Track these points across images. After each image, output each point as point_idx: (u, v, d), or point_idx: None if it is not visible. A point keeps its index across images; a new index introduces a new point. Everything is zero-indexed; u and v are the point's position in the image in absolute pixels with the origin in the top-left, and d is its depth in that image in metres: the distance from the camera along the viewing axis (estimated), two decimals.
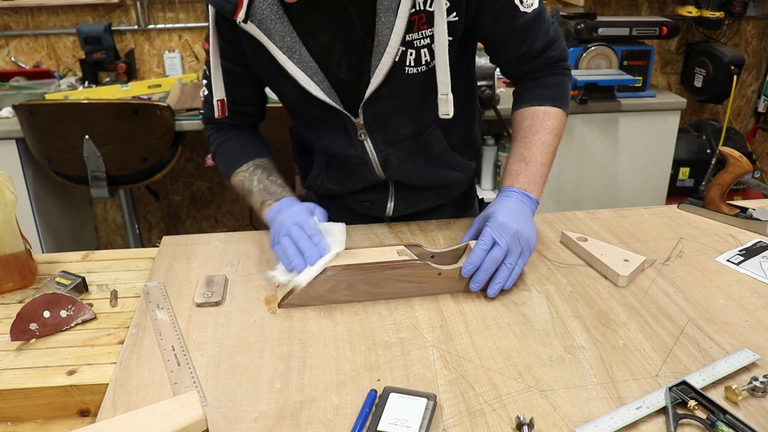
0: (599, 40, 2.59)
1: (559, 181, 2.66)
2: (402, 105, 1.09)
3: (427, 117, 1.13)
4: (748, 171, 1.20)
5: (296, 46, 1.03)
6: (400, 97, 1.08)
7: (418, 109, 1.11)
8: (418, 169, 1.19)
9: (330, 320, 0.94)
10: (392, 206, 1.27)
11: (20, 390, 0.82)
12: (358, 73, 1.06)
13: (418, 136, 1.16)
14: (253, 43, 1.04)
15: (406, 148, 1.16)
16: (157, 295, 1.00)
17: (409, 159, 1.17)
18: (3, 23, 2.81)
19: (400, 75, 1.04)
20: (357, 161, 1.17)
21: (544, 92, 1.13)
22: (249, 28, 1.01)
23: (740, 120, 3.36)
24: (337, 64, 1.06)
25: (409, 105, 1.10)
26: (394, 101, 1.08)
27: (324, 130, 1.16)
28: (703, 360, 0.84)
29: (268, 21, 1.01)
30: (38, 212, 2.49)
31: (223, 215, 3.26)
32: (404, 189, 1.25)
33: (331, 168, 1.24)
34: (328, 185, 1.26)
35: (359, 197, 1.27)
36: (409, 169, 1.19)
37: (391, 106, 1.09)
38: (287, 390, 0.80)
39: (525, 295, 1.00)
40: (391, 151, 1.15)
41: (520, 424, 0.72)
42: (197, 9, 2.86)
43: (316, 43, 1.04)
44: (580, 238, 1.13)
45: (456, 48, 1.06)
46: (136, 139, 2.29)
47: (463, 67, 1.15)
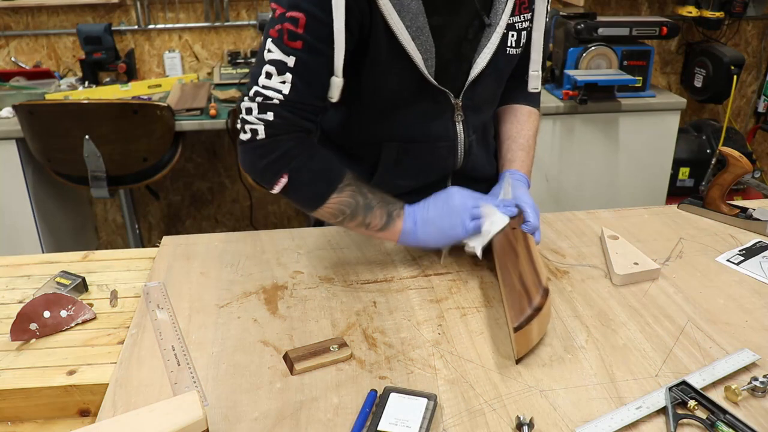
0: (599, 40, 2.59)
1: (559, 181, 2.66)
2: (497, 88, 1.17)
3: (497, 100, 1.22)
4: (748, 171, 1.20)
5: (424, 28, 0.99)
6: (498, 78, 1.14)
7: (499, 94, 1.21)
8: (483, 156, 1.23)
9: (330, 320, 0.94)
10: None
11: (20, 390, 0.82)
12: (461, 54, 1.07)
13: (487, 122, 1.22)
14: (379, 22, 0.96)
15: (481, 133, 1.20)
16: (157, 295, 1.00)
17: (480, 145, 1.21)
18: (3, 23, 2.81)
19: (502, 56, 1.09)
20: (444, 146, 1.15)
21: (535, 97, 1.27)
22: (383, 3, 0.94)
23: (740, 120, 3.36)
24: (447, 44, 1.04)
25: (500, 87, 1.19)
26: (493, 83, 1.14)
27: (417, 112, 1.10)
28: (703, 360, 0.84)
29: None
30: (38, 212, 2.49)
31: (223, 215, 3.26)
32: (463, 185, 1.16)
33: (404, 160, 1.15)
34: (396, 181, 1.16)
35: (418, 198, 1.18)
36: (480, 155, 1.22)
37: (490, 88, 1.14)
38: (287, 390, 0.80)
39: None
40: (474, 137, 1.17)
41: (520, 424, 0.72)
42: (197, 9, 2.86)
43: (435, 22, 1.01)
44: (611, 236, 1.15)
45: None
46: (136, 139, 2.29)
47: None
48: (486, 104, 1.18)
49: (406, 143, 1.14)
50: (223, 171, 3.13)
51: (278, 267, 1.09)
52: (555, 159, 2.62)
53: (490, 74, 1.10)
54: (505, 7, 1.05)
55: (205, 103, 2.43)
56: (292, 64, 0.96)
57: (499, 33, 1.06)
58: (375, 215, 1.02)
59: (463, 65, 1.08)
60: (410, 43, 0.99)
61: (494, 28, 1.06)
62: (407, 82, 1.05)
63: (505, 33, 1.08)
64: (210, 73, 2.93)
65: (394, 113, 1.10)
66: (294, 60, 0.95)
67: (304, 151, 1.01)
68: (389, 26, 0.97)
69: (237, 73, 2.73)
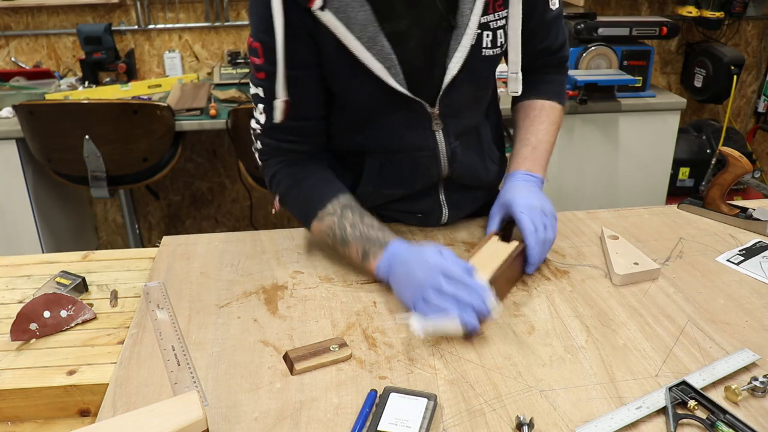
0: (599, 40, 2.59)
1: (559, 181, 2.66)
2: (476, 91, 1.11)
3: (485, 105, 1.18)
4: (748, 171, 1.20)
5: (378, 37, 0.96)
6: (475, 81, 1.08)
7: (484, 96, 1.16)
8: (475, 162, 1.17)
9: (330, 320, 0.94)
10: (447, 213, 1.20)
11: (20, 390, 0.82)
12: (431, 59, 1.02)
13: (476, 127, 1.17)
14: (326, 34, 0.95)
15: (466, 139, 1.15)
16: (157, 295, 1.00)
17: (469, 150, 1.15)
18: (3, 23, 2.81)
19: (477, 57, 1.03)
20: (426, 155, 1.11)
21: (549, 88, 1.20)
22: (325, 17, 0.92)
23: (740, 120, 3.36)
24: (413, 50, 1.00)
25: (481, 91, 1.13)
26: (470, 87, 1.07)
27: (392, 124, 1.08)
28: (703, 360, 0.84)
29: (348, 8, 0.93)
30: (38, 212, 2.49)
31: (223, 215, 3.26)
32: (456, 191, 1.19)
33: (387, 170, 1.14)
34: (382, 191, 1.16)
35: (412, 208, 1.21)
36: (469, 162, 1.16)
37: (466, 93, 1.08)
38: (287, 390, 0.80)
39: (525, 295, 1.00)
40: (458, 143, 1.12)
41: (520, 424, 0.72)
42: (197, 9, 2.86)
43: (394, 28, 0.97)
44: (611, 236, 1.14)
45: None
46: (136, 139, 2.29)
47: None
48: (467, 109, 1.11)
49: (387, 154, 1.13)
50: (223, 171, 3.13)
51: (278, 267, 1.09)
52: (555, 159, 2.62)
53: (466, 78, 1.04)
54: (473, 7, 0.98)
55: (205, 103, 2.43)
56: (262, 94, 1.01)
57: (470, 35, 0.99)
58: (351, 250, 1.02)
59: (435, 71, 1.03)
60: (365, 53, 0.96)
61: (463, 29, 0.99)
62: (375, 93, 1.01)
63: (480, 34, 1.01)
64: (210, 73, 2.93)
65: (370, 125, 1.09)
66: (262, 90, 1.01)
67: (288, 177, 1.07)
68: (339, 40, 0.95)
69: (237, 73, 2.73)
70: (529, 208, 1.03)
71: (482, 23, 1.01)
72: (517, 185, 1.09)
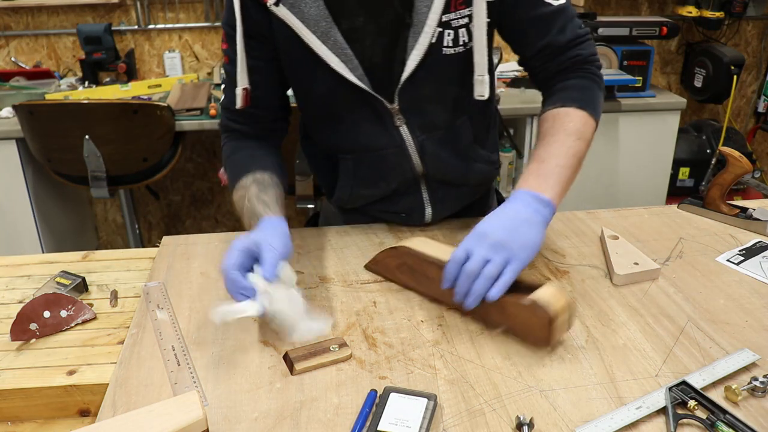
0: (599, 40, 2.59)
1: None
2: (439, 89, 1.07)
3: (461, 104, 1.11)
4: (748, 171, 1.20)
5: (331, 31, 0.99)
6: (437, 79, 1.05)
7: (454, 94, 1.10)
8: (451, 159, 1.14)
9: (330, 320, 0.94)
10: (430, 212, 1.20)
11: (20, 390, 0.82)
12: (391, 56, 1.03)
13: (449, 126, 1.13)
14: (283, 29, 1.00)
15: (439, 136, 1.13)
16: (157, 295, 1.00)
17: (442, 147, 1.13)
18: (3, 23, 2.81)
19: (437, 56, 1.02)
20: (393, 151, 1.11)
21: (568, 94, 1.07)
22: (280, 11, 0.97)
23: (740, 120, 3.36)
24: (371, 47, 1.02)
25: (445, 89, 1.08)
26: (431, 85, 1.05)
27: (355, 121, 1.09)
28: (703, 360, 0.84)
29: (301, 3, 0.97)
30: (38, 212, 2.49)
31: (223, 215, 3.26)
32: (439, 188, 1.18)
33: (360, 170, 1.15)
34: (360, 191, 1.18)
35: (393, 208, 1.21)
36: (444, 157, 1.13)
37: (427, 90, 1.06)
38: (287, 390, 0.80)
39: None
40: (426, 137, 1.11)
41: (520, 424, 0.72)
42: (197, 9, 2.86)
43: (350, 25, 1.00)
44: (611, 236, 1.14)
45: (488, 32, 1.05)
46: (136, 139, 2.29)
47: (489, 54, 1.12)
48: (432, 105, 1.09)
49: (357, 153, 1.14)
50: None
51: None
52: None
53: (427, 76, 1.03)
54: (432, 5, 0.97)
55: (205, 103, 2.43)
56: (225, 76, 1.10)
57: (429, 33, 0.99)
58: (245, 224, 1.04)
59: (395, 68, 1.03)
60: (321, 47, 0.99)
61: (420, 27, 0.99)
62: (335, 89, 1.04)
63: (441, 32, 1.00)
64: (210, 73, 2.93)
65: (335, 123, 1.11)
66: (225, 73, 1.10)
67: (228, 149, 1.15)
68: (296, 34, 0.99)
69: None
70: (477, 237, 0.88)
71: (443, 21, 1.00)
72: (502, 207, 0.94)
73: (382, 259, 1.04)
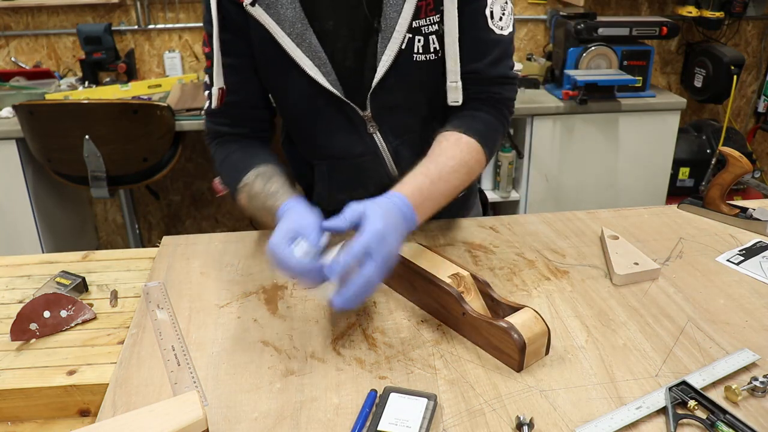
0: (599, 40, 2.59)
1: (559, 181, 2.66)
2: (410, 95, 1.07)
3: (433, 110, 1.10)
4: (748, 171, 1.20)
5: (306, 33, 0.99)
6: (408, 86, 1.05)
7: (426, 100, 1.09)
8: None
9: (330, 320, 0.94)
10: None
11: (20, 390, 0.82)
12: (362, 61, 1.03)
13: (423, 131, 1.12)
14: (258, 30, 1.00)
15: (413, 140, 1.12)
16: (157, 295, 1.00)
17: (416, 152, 1.10)
18: (3, 23, 2.81)
19: (408, 62, 1.02)
20: (368, 158, 1.12)
21: (475, 126, 1.04)
22: (256, 12, 0.97)
23: (740, 120, 3.36)
24: (342, 51, 1.02)
25: (417, 95, 1.08)
26: (402, 90, 1.05)
27: (329, 128, 1.10)
28: (703, 360, 0.84)
29: (277, 5, 0.97)
30: (38, 212, 2.49)
31: (223, 215, 3.26)
32: None
33: (335, 176, 1.16)
34: (337, 196, 1.16)
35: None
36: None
37: (399, 96, 1.06)
38: (287, 390, 0.80)
39: (525, 295, 1.00)
40: (399, 142, 1.11)
41: (520, 424, 0.72)
42: (197, 9, 2.86)
43: (321, 27, 1.00)
44: (611, 236, 1.14)
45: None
46: (136, 139, 2.29)
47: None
48: (403, 111, 1.08)
49: (331, 160, 1.14)
50: None
51: None
52: (555, 159, 2.62)
53: (397, 82, 1.03)
54: (401, 10, 0.97)
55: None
56: (207, 81, 1.06)
57: (398, 39, 0.98)
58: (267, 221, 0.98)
59: (366, 74, 1.03)
60: (296, 49, 0.99)
61: (389, 33, 0.99)
62: (307, 94, 1.03)
63: (411, 38, 1.00)
64: None
65: (310, 129, 1.11)
66: (207, 77, 1.06)
67: (220, 154, 1.12)
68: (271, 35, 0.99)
69: None
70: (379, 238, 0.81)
71: (413, 27, 1.00)
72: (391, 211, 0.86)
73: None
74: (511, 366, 0.83)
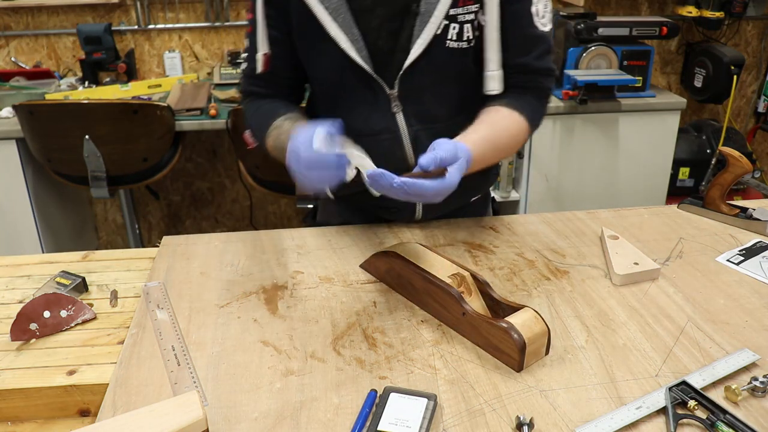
0: (599, 40, 2.59)
1: (559, 181, 2.66)
2: (439, 81, 1.10)
3: (460, 101, 1.14)
4: (748, 171, 1.20)
5: (342, 8, 1.03)
6: (438, 70, 1.09)
7: (453, 89, 1.13)
8: None
9: (330, 320, 0.94)
10: (421, 209, 1.22)
11: (20, 390, 0.82)
12: (395, 42, 1.07)
13: (446, 121, 1.13)
14: (298, 3, 1.04)
15: (435, 129, 1.13)
16: (157, 295, 1.00)
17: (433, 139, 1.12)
18: (3, 23, 2.81)
19: (440, 47, 1.05)
20: (387, 137, 1.13)
21: (526, 106, 1.11)
22: None
23: (740, 120, 3.36)
24: (377, 30, 1.06)
25: (445, 82, 1.11)
26: (431, 75, 1.09)
27: (354, 102, 1.13)
28: (703, 360, 0.84)
29: None
30: (38, 212, 2.49)
31: (223, 215, 3.26)
32: None
33: None
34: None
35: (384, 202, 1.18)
36: None
37: (427, 80, 1.09)
38: (287, 390, 0.80)
39: (525, 295, 1.00)
40: (421, 128, 1.13)
41: (520, 424, 0.72)
42: (197, 9, 2.86)
43: (359, 5, 1.04)
44: (611, 236, 1.14)
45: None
46: (136, 139, 2.29)
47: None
48: (429, 96, 1.11)
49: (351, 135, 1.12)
50: (223, 171, 3.13)
51: (278, 267, 1.09)
52: (555, 159, 2.62)
53: (427, 66, 1.07)
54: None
55: (205, 103, 2.43)
56: (247, 44, 1.16)
57: (434, 24, 1.03)
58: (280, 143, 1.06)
59: (398, 55, 1.07)
60: (331, 23, 1.03)
61: (427, 17, 1.02)
62: (338, 67, 1.08)
63: (446, 25, 1.04)
64: (210, 73, 2.93)
65: (335, 102, 1.15)
66: (247, 41, 1.16)
67: (253, 107, 1.19)
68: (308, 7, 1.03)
69: (237, 73, 2.73)
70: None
71: (450, 15, 1.04)
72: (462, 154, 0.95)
73: (374, 262, 1.05)
74: (511, 366, 0.83)
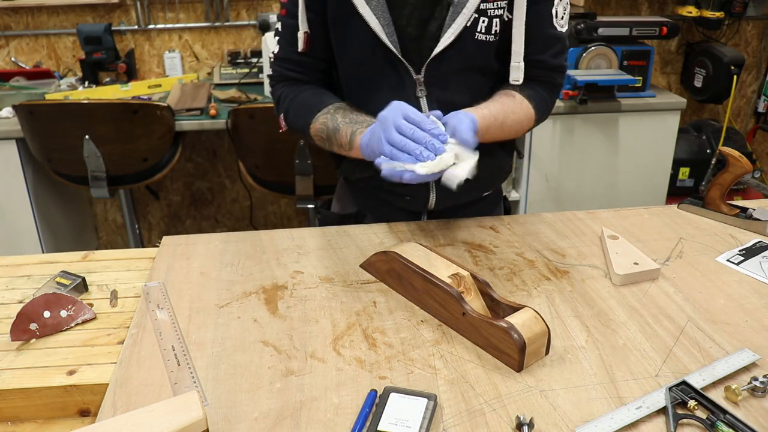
0: (599, 40, 2.59)
1: (559, 181, 2.66)
2: (463, 69, 1.14)
3: (482, 92, 1.17)
4: (748, 171, 1.20)
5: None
6: (464, 62, 1.13)
7: (477, 79, 1.17)
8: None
9: (330, 320, 0.94)
10: (434, 197, 1.23)
11: (20, 390, 0.82)
12: (424, 29, 1.10)
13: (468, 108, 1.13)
14: None
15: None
16: (157, 295, 1.00)
17: None
18: (3, 23, 2.81)
19: (469, 38, 1.09)
20: None
21: (536, 97, 1.18)
22: None
23: (740, 120, 3.36)
24: (407, 17, 1.09)
25: (469, 71, 1.15)
26: (458, 64, 1.13)
27: (380, 84, 1.16)
28: (703, 360, 0.84)
29: None
30: (38, 212, 2.49)
31: (223, 215, 3.26)
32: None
33: None
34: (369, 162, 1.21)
35: (399, 189, 1.20)
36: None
37: (453, 68, 1.13)
38: (287, 390, 0.80)
39: (525, 295, 1.00)
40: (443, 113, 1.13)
41: (520, 424, 0.72)
42: (197, 9, 2.86)
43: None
44: (611, 236, 1.14)
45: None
46: (136, 139, 2.29)
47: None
48: (454, 84, 1.15)
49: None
50: (223, 171, 3.13)
51: (278, 267, 1.09)
52: (555, 159, 2.62)
53: (455, 55, 1.11)
54: None
55: (205, 103, 2.43)
56: (280, 28, 1.19)
57: (466, 15, 1.07)
58: (341, 135, 1.11)
59: (427, 43, 1.10)
60: (364, 7, 1.06)
61: (460, 8, 1.06)
62: (367, 50, 1.11)
63: (476, 18, 1.08)
64: (210, 73, 2.93)
65: (361, 85, 1.18)
66: (280, 24, 1.18)
67: (290, 93, 1.21)
68: None
69: (237, 73, 2.73)
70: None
71: (481, 9, 1.08)
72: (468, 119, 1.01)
73: (374, 262, 1.05)
74: (511, 366, 0.83)
